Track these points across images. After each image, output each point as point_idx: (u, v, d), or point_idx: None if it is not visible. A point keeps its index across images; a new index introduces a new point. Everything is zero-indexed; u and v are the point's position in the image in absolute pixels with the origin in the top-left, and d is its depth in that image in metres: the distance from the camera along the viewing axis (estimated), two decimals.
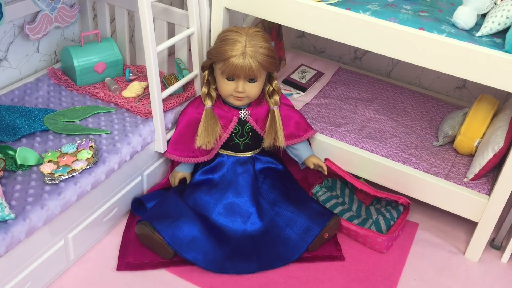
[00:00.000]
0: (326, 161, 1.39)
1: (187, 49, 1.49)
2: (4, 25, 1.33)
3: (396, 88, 1.69)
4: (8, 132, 1.21)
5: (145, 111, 1.33)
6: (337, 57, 1.90)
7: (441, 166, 1.36)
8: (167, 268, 1.22)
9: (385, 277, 1.24)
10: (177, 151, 1.35)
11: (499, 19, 1.15)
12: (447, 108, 1.61)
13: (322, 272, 1.24)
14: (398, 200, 1.31)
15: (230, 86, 1.27)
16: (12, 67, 1.42)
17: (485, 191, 1.29)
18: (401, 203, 1.33)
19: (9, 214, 0.98)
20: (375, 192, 1.32)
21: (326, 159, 1.40)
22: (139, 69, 1.54)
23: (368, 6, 1.24)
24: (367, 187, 1.33)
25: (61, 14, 1.45)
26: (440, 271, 1.28)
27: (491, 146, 1.25)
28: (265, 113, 1.34)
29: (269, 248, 1.25)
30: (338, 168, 1.37)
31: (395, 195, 1.32)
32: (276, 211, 1.32)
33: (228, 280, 1.20)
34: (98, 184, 1.16)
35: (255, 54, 1.22)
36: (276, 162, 1.41)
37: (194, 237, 1.22)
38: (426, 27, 1.17)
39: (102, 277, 1.19)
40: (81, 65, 1.40)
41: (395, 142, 1.43)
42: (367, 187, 1.33)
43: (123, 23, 1.52)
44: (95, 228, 1.23)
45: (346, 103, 1.59)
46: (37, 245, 1.07)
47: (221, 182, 1.34)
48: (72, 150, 1.17)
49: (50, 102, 1.37)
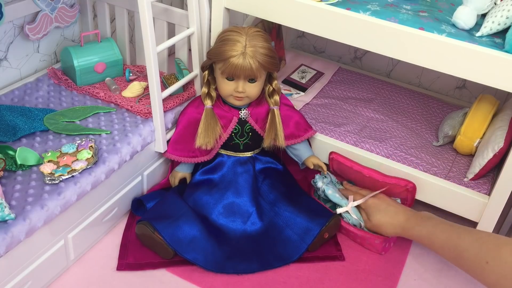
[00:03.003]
0: (332, 154, 1.39)
1: (187, 49, 1.49)
2: (4, 25, 1.33)
3: (396, 88, 1.69)
4: (8, 132, 1.21)
5: (145, 111, 1.33)
6: (337, 57, 1.90)
7: (441, 166, 1.36)
8: (167, 268, 1.22)
9: (385, 277, 1.24)
10: (177, 151, 1.35)
11: (499, 19, 1.15)
12: (447, 108, 1.61)
13: (322, 272, 1.24)
14: (407, 185, 1.31)
15: (230, 86, 1.27)
16: (12, 67, 1.42)
17: (485, 191, 1.29)
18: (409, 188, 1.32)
19: (9, 214, 0.98)
20: (384, 178, 1.32)
21: (332, 152, 1.40)
22: (139, 69, 1.54)
23: (368, 6, 1.24)
24: (375, 172, 1.33)
25: (61, 14, 1.45)
26: (440, 271, 1.28)
27: (491, 146, 1.25)
28: (265, 113, 1.34)
29: (269, 248, 1.26)
30: (345, 160, 1.37)
31: (404, 179, 1.32)
32: (276, 211, 1.32)
33: (229, 280, 1.20)
34: (98, 184, 1.16)
35: (255, 54, 1.22)
36: (276, 162, 1.42)
37: (194, 237, 1.22)
38: (426, 27, 1.17)
39: (102, 277, 1.19)
40: (81, 65, 1.40)
41: (395, 142, 1.43)
42: (375, 172, 1.33)
43: (123, 23, 1.52)
44: (95, 228, 1.23)
45: (346, 103, 1.59)
46: (37, 245, 1.07)
47: (221, 182, 1.34)
48: (72, 150, 1.17)
49: (50, 102, 1.37)
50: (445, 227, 1.13)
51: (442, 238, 1.11)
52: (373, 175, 1.33)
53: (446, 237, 1.10)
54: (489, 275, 0.98)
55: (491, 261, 0.98)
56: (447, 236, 1.10)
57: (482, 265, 0.99)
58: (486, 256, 0.99)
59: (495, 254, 0.97)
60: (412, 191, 1.32)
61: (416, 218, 1.21)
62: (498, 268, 0.96)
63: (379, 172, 1.34)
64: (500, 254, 0.97)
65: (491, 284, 0.99)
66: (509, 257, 0.95)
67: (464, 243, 1.05)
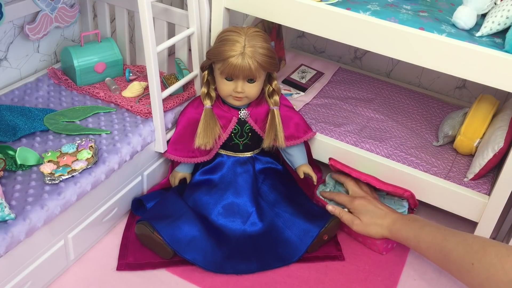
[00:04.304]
0: (331, 160, 1.39)
1: (187, 49, 1.49)
2: (4, 25, 1.33)
3: (396, 88, 1.69)
4: (8, 132, 1.21)
5: (145, 111, 1.33)
6: (337, 57, 1.90)
7: (441, 166, 1.36)
8: (167, 268, 1.22)
9: (385, 277, 1.24)
10: (176, 151, 1.35)
11: (499, 19, 1.15)
12: (447, 108, 1.61)
13: (322, 272, 1.24)
14: (404, 193, 1.31)
15: (229, 86, 1.27)
16: (12, 67, 1.42)
17: (485, 191, 1.29)
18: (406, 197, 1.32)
19: (9, 214, 0.98)
20: (381, 185, 1.32)
21: (331, 158, 1.40)
22: (139, 69, 1.54)
23: (368, 6, 1.24)
24: (373, 179, 1.32)
25: (61, 14, 1.45)
26: (440, 271, 1.28)
27: (491, 146, 1.25)
28: (265, 114, 1.34)
29: (269, 249, 1.25)
30: (343, 166, 1.37)
31: (401, 188, 1.32)
32: (276, 212, 1.32)
33: (228, 280, 1.20)
34: (98, 184, 1.16)
35: (254, 54, 1.22)
36: (276, 162, 1.42)
37: (193, 237, 1.22)
38: (426, 27, 1.17)
39: (102, 277, 1.19)
40: (81, 65, 1.40)
41: (395, 142, 1.43)
42: (372, 179, 1.32)
43: (123, 23, 1.52)
44: (95, 228, 1.23)
45: (346, 103, 1.59)
46: (37, 245, 1.07)
47: (221, 182, 1.34)
48: (72, 150, 1.17)
49: (50, 102, 1.37)
50: (431, 229, 1.13)
51: (428, 240, 1.11)
52: (371, 182, 1.33)
53: (432, 239, 1.10)
54: (474, 277, 0.98)
55: (476, 262, 0.97)
56: (433, 238, 1.10)
57: (467, 267, 0.99)
58: (472, 258, 0.99)
59: (481, 256, 0.97)
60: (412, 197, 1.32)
61: (402, 220, 1.21)
62: (484, 270, 0.96)
63: (376, 178, 1.33)
64: (485, 255, 0.97)
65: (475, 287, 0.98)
66: (494, 258, 0.95)
67: (450, 245, 1.05)
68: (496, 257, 0.95)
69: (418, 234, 1.14)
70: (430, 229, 1.13)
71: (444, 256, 1.06)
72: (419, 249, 1.15)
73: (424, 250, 1.13)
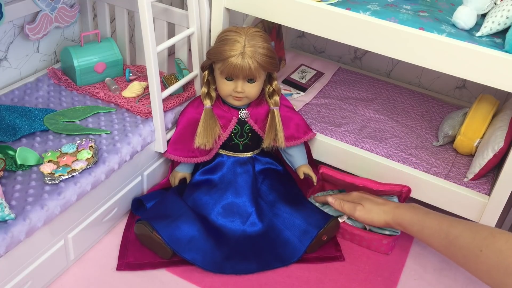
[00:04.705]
0: (321, 168, 1.38)
1: (187, 49, 1.49)
2: (4, 25, 1.33)
3: (396, 88, 1.69)
4: (8, 132, 1.21)
5: (145, 111, 1.33)
6: (337, 57, 1.90)
7: (441, 166, 1.36)
8: (167, 268, 1.22)
9: (385, 277, 1.24)
10: (176, 151, 1.35)
11: (499, 19, 1.15)
12: (447, 108, 1.61)
13: (322, 272, 1.24)
14: (402, 189, 1.31)
15: (229, 86, 1.27)
16: (12, 67, 1.42)
17: (485, 191, 1.29)
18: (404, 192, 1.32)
19: (9, 214, 0.98)
20: (378, 186, 1.32)
21: (321, 166, 1.39)
22: (139, 69, 1.54)
23: (368, 6, 1.24)
24: (369, 181, 1.32)
25: (61, 14, 1.45)
26: (440, 271, 1.28)
27: (491, 146, 1.25)
28: (265, 114, 1.34)
29: (268, 249, 1.25)
30: (335, 173, 1.36)
31: (398, 185, 1.32)
32: (275, 213, 1.32)
33: (228, 280, 1.20)
34: (98, 184, 1.16)
35: (254, 54, 1.22)
36: (275, 163, 1.42)
37: (192, 237, 1.22)
38: (426, 27, 1.17)
39: (102, 277, 1.19)
40: (81, 65, 1.40)
41: (395, 142, 1.43)
42: (368, 181, 1.32)
43: (123, 23, 1.52)
44: (95, 228, 1.23)
45: (346, 103, 1.59)
46: (37, 245, 1.07)
47: (221, 183, 1.34)
48: (72, 150, 1.17)
49: (50, 102, 1.37)
50: (435, 216, 1.11)
51: (433, 225, 1.09)
52: (367, 184, 1.32)
53: (438, 224, 1.08)
54: (482, 264, 0.95)
55: (485, 249, 0.95)
56: (438, 223, 1.08)
57: (476, 253, 0.96)
58: (481, 244, 0.96)
59: (490, 242, 0.95)
60: (407, 193, 1.33)
61: (405, 205, 1.19)
62: (493, 256, 0.93)
63: (372, 180, 1.33)
64: (495, 242, 0.94)
65: (481, 274, 0.96)
66: (504, 245, 0.93)
67: (457, 231, 1.03)
68: (506, 244, 0.93)
69: (423, 219, 1.12)
70: (435, 215, 1.11)
71: (450, 242, 1.03)
72: (421, 235, 1.12)
73: (427, 235, 1.10)
